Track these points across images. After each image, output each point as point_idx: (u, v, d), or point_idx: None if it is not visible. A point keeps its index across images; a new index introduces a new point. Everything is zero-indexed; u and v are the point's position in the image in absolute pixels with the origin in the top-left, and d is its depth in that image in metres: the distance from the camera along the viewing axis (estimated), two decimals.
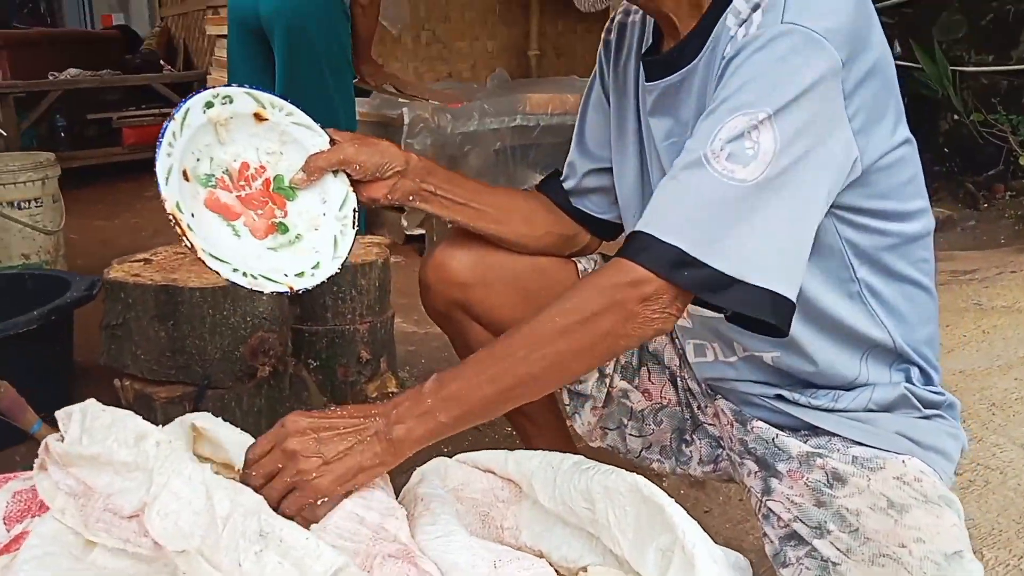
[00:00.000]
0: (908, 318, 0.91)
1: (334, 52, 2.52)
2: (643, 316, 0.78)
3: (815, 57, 0.77)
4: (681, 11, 0.88)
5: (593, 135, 1.09)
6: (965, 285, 2.34)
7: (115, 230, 3.60)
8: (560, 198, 1.12)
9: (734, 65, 0.79)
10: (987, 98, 4.02)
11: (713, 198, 0.76)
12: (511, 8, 4.38)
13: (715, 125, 0.77)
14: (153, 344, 1.45)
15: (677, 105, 0.91)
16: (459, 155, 3.07)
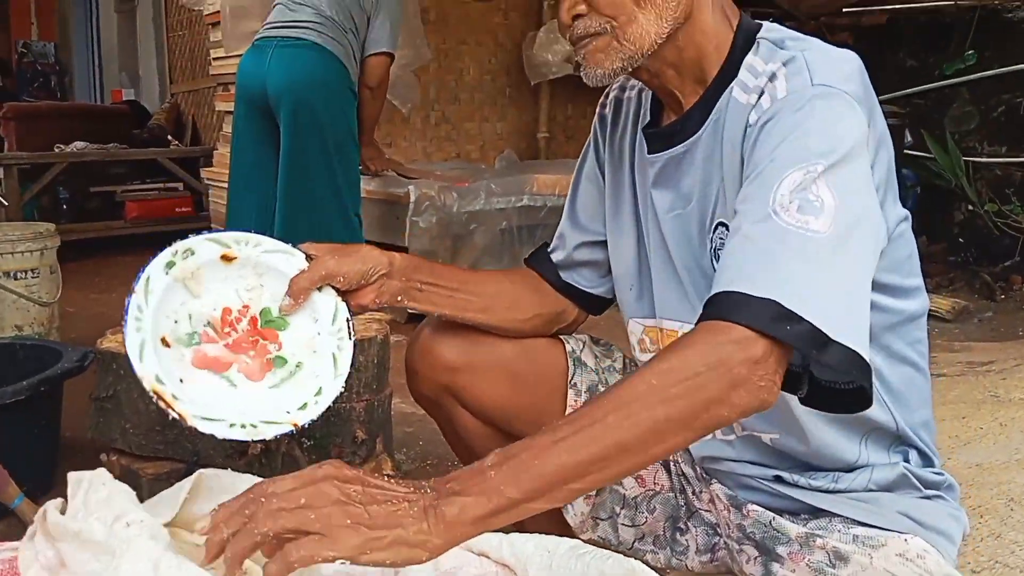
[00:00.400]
0: (907, 400, 0.93)
1: (340, 131, 2.62)
2: (751, 382, 0.72)
3: (853, 118, 0.81)
4: (685, 86, 0.93)
5: (585, 208, 1.12)
6: (982, 377, 2.35)
7: (112, 303, 3.64)
8: (549, 272, 1.14)
9: (772, 125, 0.82)
10: (1001, 189, 4.11)
11: (795, 250, 0.75)
12: (521, 91, 4.55)
13: (773, 181, 0.78)
14: (143, 418, 1.46)
15: (679, 177, 0.94)
16: (465, 234, 3.13)
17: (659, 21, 0.87)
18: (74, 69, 8.83)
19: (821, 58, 0.85)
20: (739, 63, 0.90)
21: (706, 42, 0.90)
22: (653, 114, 1.02)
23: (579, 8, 0.88)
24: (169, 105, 5.76)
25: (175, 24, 5.81)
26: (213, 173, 4.31)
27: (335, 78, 2.62)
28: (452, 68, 4.34)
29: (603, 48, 0.88)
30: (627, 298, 1.07)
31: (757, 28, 0.92)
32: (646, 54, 0.88)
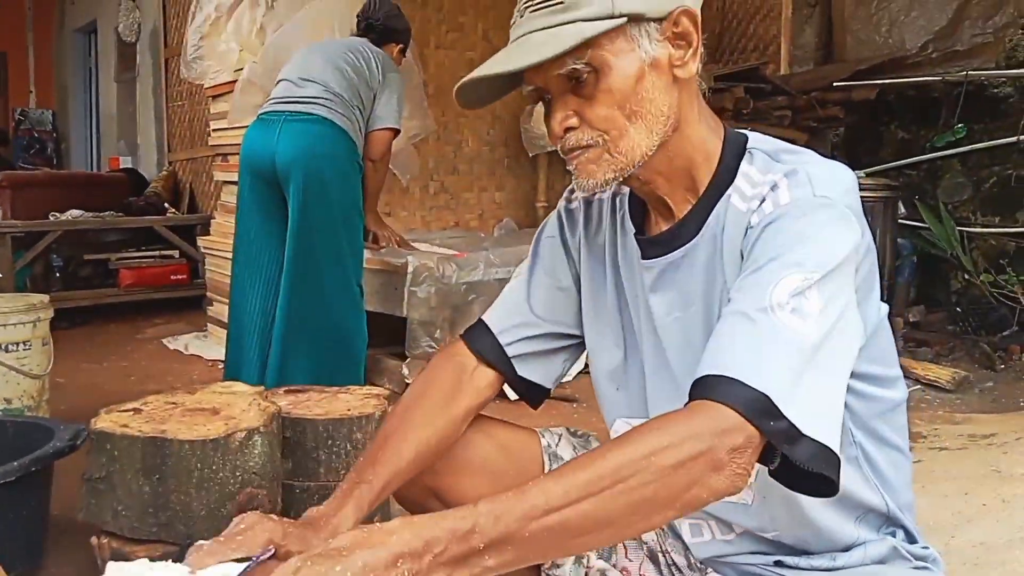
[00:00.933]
0: (894, 483, 0.98)
1: (348, 203, 2.71)
2: (729, 468, 0.75)
3: (849, 231, 0.86)
4: (675, 193, 0.97)
5: (542, 301, 1.10)
6: (984, 450, 2.35)
7: (103, 374, 3.64)
8: (504, 366, 1.10)
9: (776, 227, 0.85)
10: (996, 259, 4.18)
11: (787, 349, 0.79)
12: (519, 161, 4.65)
13: (771, 279, 0.82)
14: (136, 499, 1.45)
15: (679, 281, 0.97)
16: (463, 304, 3.16)
17: (649, 134, 0.90)
18: (71, 137, 8.98)
19: (822, 172, 0.89)
20: (734, 171, 0.94)
21: (695, 152, 0.94)
22: (635, 219, 1.04)
23: (571, 121, 0.91)
24: (167, 173, 5.85)
25: (175, 95, 5.95)
26: (210, 242, 4.35)
27: (344, 151, 2.71)
28: (451, 139, 4.44)
29: (595, 160, 0.91)
30: (612, 397, 1.08)
31: (744, 138, 0.97)
32: (637, 165, 0.92)
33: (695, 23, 0.90)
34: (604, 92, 0.88)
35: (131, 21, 6.83)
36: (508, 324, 1.11)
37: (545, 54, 0.85)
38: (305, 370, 2.65)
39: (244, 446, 1.50)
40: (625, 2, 0.86)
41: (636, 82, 0.88)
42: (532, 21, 0.88)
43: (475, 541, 0.72)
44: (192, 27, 4.04)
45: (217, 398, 1.70)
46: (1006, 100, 4.32)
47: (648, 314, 1.00)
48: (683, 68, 0.91)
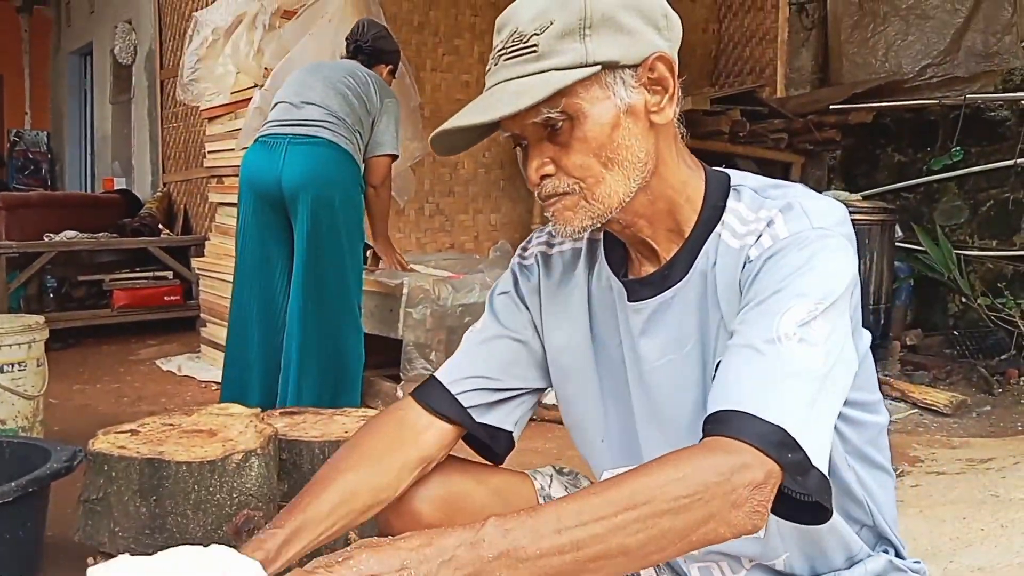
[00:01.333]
0: (882, 502, 1.02)
1: (354, 225, 2.77)
2: (749, 505, 0.76)
3: (847, 260, 0.88)
4: (658, 235, 0.97)
5: (501, 363, 1.08)
6: (982, 475, 2.37)
7: (96, 395, 3.65)
8: (460, 415, 1.07)
9: (778, 259, 0.86)
10: (993, 282, 4.22)
11: (797, 380, 0.80)
12: (515, 183, 4.70)
13: (777, 310, 0.83)
14: (133, 520, 1.46)
15: (670, 321, 0.96)
16: (459, 326, 3.18)
17: (626, 181, 0.91)
18: (66, 158, 9.03)
19: (816, 204, 0.91)
20: (720, 209, 0.95)
21: (675, 194, 0.95)
22: (613, 264, 1.03)
23: (547, 169, 0.91)
24: (161, 194, 5.89)
25: (170, 116, 6.00)
26: (205, 263, 4.38)
27: (350, 175, 2.77)
28: (447, 162, 4.49)
29: (572, 207, 0.92)
30: (597, 448, 1.07)
31: (727, 177, 0.98)
32: (615, 211, 0.92)
33: (671, 69, 0.91)
34: (579, 140, 0.89)
35: (127, 43, 6.90)
36: (461, 377, 1.07)
37: (519, 105, 0.85)
38: (311, 392, 2.67)
39: (241, 468, 1.52)
40: (599, 50, 0.87)
41: (612, 129, 0.89)
42: (506, 70, 0.89)
43: (484, 551, 0.72)
44: (189, 50, 4.09)
45: (214, 420, 1.72)
46: (1003, 123, 4.38)
47: (636, 359, 1.00)
48: (660, 114, 0.91)
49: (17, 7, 9.13)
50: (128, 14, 6.91)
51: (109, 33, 7.21)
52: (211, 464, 1.48)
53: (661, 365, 0.97)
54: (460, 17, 4.50)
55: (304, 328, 2.70)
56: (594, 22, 0.87)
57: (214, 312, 4.22)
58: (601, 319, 1.04)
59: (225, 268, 4.03)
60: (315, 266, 2.69)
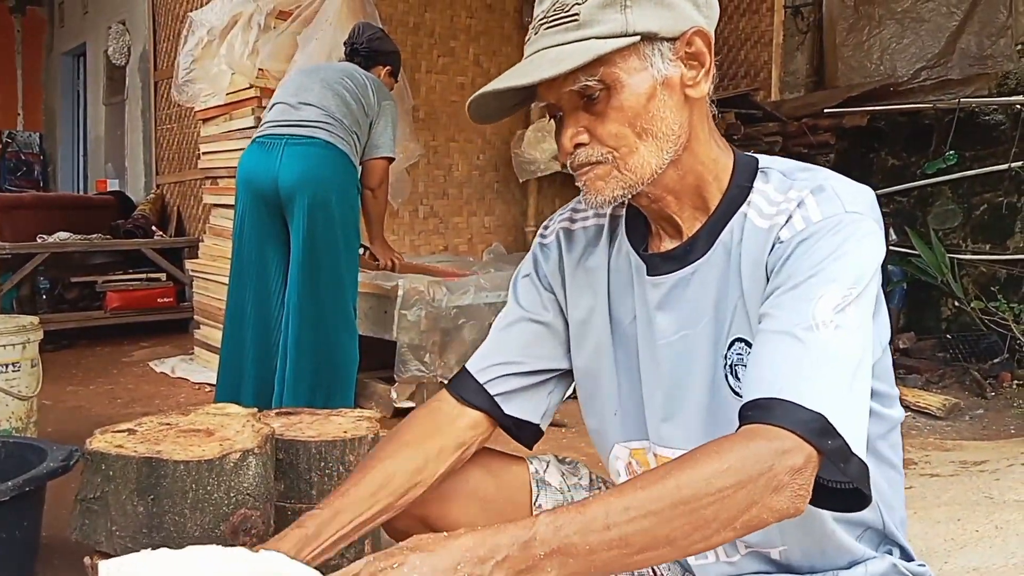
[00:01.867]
0: (892, 501, 1.00)
1: (350, 226, 2.79)
2: (790, 489, 0.78)
3: (878, 244, 0.89)
4: (684, 211, 0.98)
5: (525, 345, 1.10)
6: (975, 477, 2.39)
7: (89, 396, 3.65)
8: (492, 409, 1.10)
9: (812, 243, 0.87)
10: (986, 286, 4.24)
11: (835, 367, 0.81)
12: (509, 186, 4.71)
13: (813, 295, 0.84)
14: (130, 520, 1.46)
15: (688, 297, 0.98)
16: (453, 328, 3.19)
17: (659, 152, 0.92)
18: (58, 159, 9.01)
19: (847, 187, 0.92)
20: (747, 189, 0.96)
21: (705, 170, 0.96)
22: (634, 239, 1.05)
23: (581, 138, 0.92)
24: (155, 196, 5.89)
25: (163, 118, 6.00)
26: (199, 265, 4.38)
27: (346, 176, 2.78)
28: (441, 164, 4.50)
29: (604, 176, 0.93)
30: (609, 422, 1.09)
31: (755, 160, 0.99)
32: (646, 182, 0.93)
33: (708, 44, 0.92)
34: (615, 109, 0.90)
35: (121, 44, 6.89)
36: (487, 364, 1.11)
37: (558, 69, 0.86)
38: (306, 393, 2.68)
39: (239, 467, 1.52)
40: (639, 21, 0.88)
41: (647, 100, 0.90)
42: (547, 38, 0.90)
43: (536, 549, 0.75)
44: (184, 50, 4.09)
45: (211, 419, 1.73)
46: (997, 127, 4.41)
47: (650, 332, 1.01)
48: (695, 88, 0.92)
49: (10, 7, 9.11)
50: (122, 15, 6.90)
51: (103, 34, 7.21)
52: (209, 463, 1.48)
53: (675, 340, 0.98)
54: (455, 19, 4.52)
55: (300, 328, 2.71)
56: None
57: (208, 314, 4.22)
58: (618, 294, 1.05)
59: (219, 270, 4.03)
60: (311, 267, 2.70)
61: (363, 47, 3.03)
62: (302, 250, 2.69)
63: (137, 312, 4.96)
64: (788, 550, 0.98)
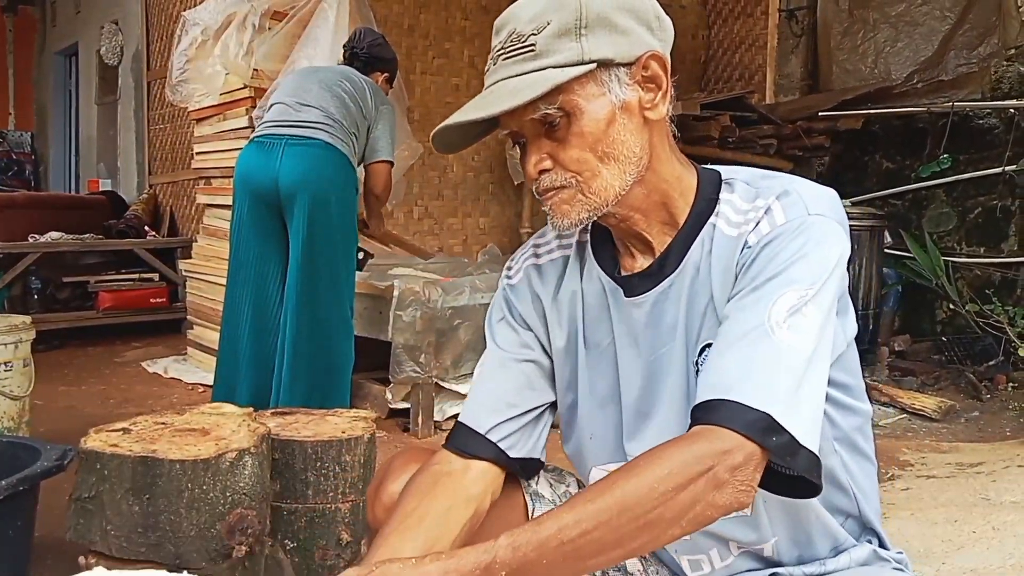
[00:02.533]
0: (868, 491, 1.04)
1: (348, 227, 2.81)
2: (731, 485, 0.81)
3: (840, 245, 0.92)
4: (652, 228, 1.00)
5: (511, 386, 1.09)
6: (972, 479, 2.39)
7: (81, 397, 3.63)
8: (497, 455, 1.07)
9: (774, 245, 0.90)
10: (981, 289, 4.26)
11: (783, 367, 0.84)
12: (504, 188, 4.71)
13: (769, 298, 0.87)
14: (126, 519, 1.46)
15: (667, 311, 0.99)
16: (448, 329, 3.19)
17: (622, 175, 0.94)
18: (50, 159, 8.97)
19: (811, 190, 0.95)
20: (713, 201, 0.98)
21: (669, 188, 0.98)
22: (604, 263, 1.06)
23: (544, 164, 0.95)
24: (147, 196, 5.86)
25: (156, 118, 5.98)
26: (192, 265, 4.36)
27: (346, 177, 2.79)
28: (436, 165, 4.50)
29: (569, 200, 0.95)
30: (587, 447, 1.09)
31: (717, 172, 1.02)
32: (611, 204, 0.95)
33: (664, 67, 0.94)
34: (576, 135, 0.92)
35: (114, 44, 6.87)
36: (484, 414, 1.08)
37: (516, 101, 0.88)
38: (303, 393, 2.69)
39: (235, 467, 1.52)
40: (595, 49, 0.90)
41: (607, 125, 0.92)
42: (504, 68, 0.92)
43: (497, 570, 0.79)
44: (178, 50, 4.07)
45: (207, 419, 1.72)
46: (991, 131, 4.43)
47: (635, 352, 1.02)
48: (653, 110, 0.95)
49: (2, 6, 9.08)
50: (115, 15, 6.88)
51: (95, 33, 7.18)
52: (204, 463, 1.47)
53: (662, 354, 1.00)
54: (450, 21, 4.52)
55: (298, 328, 2.71)
56: (589, 22, 0.91)
57: (201, 314, 4.21)
58: (593, 319, 1.06)
59: (213, 270, 4.02)
60: (310, 267, 2.71)
61: (363, 52, 3.04)
62: (301, 250, 2.70)
63: (129, 312, 4.94)
64: (779, 542, 1.00)
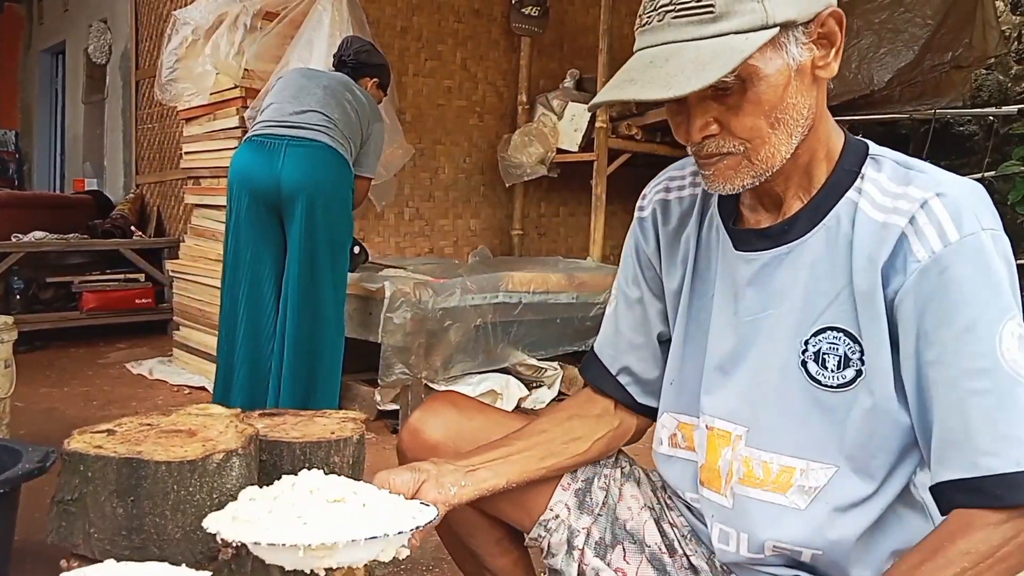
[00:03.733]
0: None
1: (345, 228, 2.83)
2: None
3: (1011, 254, 0.87)
4: (790, 189, 0.95)
5: (633, 327, 1.14)
6: None
7: (64, 398, 3.55)
8: (626, 399, 1.16)
9: (959, 274, 0.83)
10: None
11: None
12: (495, 189, 4.68)
13: (990, 335, 0.82)
14: (109, 521, 1.41)
15: (779, 276, 0.95)
16: (439, 330, 3.15)
17: (789, 140, 0.89)
18: (35, 158, 8.86)
19: (971, 197, 0.88)
20: (854, 175, 0.92)
21: (819, 149, 0.93)
22: (724, 211, 1.02)
23: (711, 129, 0.88)
24: (134, 196, 5.78)
25: (144, 117, 5.90)
26: (179, 265, 4.29)
27: (345, 179, 2.80)
28: (427, 167, 4.46)
29: (734, 167, 0.90)
30: (665, 392, 1.09)
31: (865, 144, 0.95)
32: (775, 170, 0.90)
33: (840, 23, 0.89)
34: (751, 102, 0.86)
35: (102, 43, 6.79)
36: (613, 352, 1.16)
37: (708, 79, 0.80)
38: (302, 392, 2.70)
39: (222, 468, 1.47)
40: (778, 10, 0.83)
41: (783, 90, 0.86)
42: (675, 29, 0.83)
43: None
44: (168, 49, 4.02)
45: (193, 420, 1.67)
46: (971, 138, 4.46)
47: (733, 308, 0.99)
48: (825, 69, 0.89)
49: None
50: (103, 13, 6.80)
51: (83, 32, 7.09)
52: (191, 464, 1.43)
53: (761, 318, 0.96)
54: (443, 23, 4.49)
55: (299, 329, 2.72)
56: None
57: (188, 315, 4.14)
58: (703, 267, 1.04)
59: (201, 271, 3.96)
60: (311, 267, 2.72)
61: (350, 59, 3.04)
62: (302, 250, 2.71)
63: (114, 313, 4.87)
64: (823, 555, 0.94)
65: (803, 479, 0.92)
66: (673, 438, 1.07)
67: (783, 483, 0.94)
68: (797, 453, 0.93)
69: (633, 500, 1.15)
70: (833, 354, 0.90)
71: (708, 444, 1.01)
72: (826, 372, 0.91)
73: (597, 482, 1.15)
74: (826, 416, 0.91)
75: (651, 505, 1.15)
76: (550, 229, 4.87)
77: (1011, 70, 4.49)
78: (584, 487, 1.14)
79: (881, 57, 4.67)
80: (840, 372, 0.90)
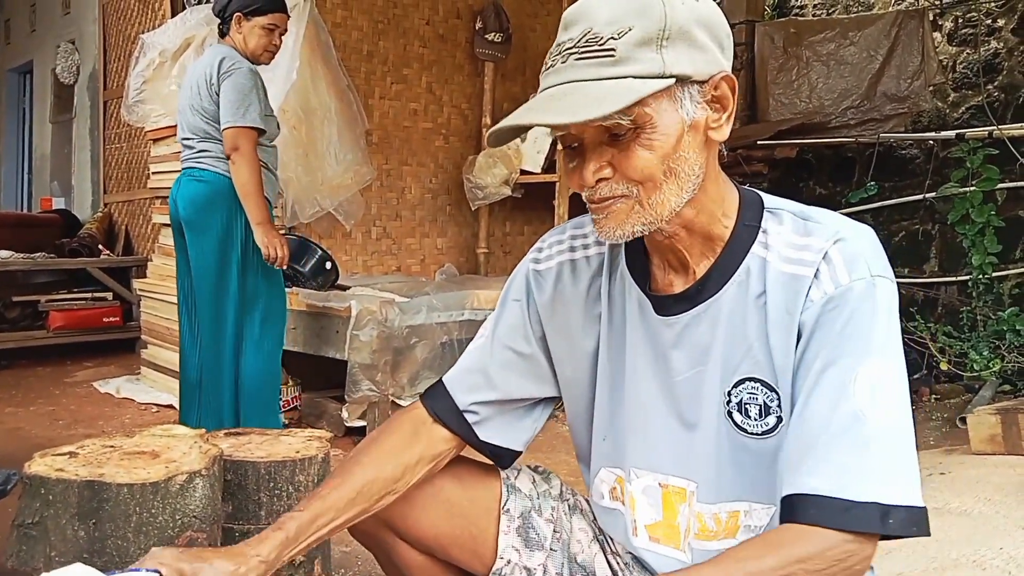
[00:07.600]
0: None
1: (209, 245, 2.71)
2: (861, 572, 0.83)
3: (896, 302, 0.90)
4: (694, 249, 0.96)
5: (499, 367, 1.11)
6: None
7: (29, 418, 3.46)
8: (466, 433, 1.12)
9: (842, 313, 0.87)
10: (905, 307, 4.37)
11: (882, 446, 0.83)
12: (461, 209, 4.68)
13: (848, 374, 0.85)
14: (71, 545, 1.37)
15: (699, 334, 0.96)
16: (405, 348, 3.13)
17: (679, 192, 0.90)
18: (2, 177, 8.66)
19: (865, 244, 0.91)
20: (754, 229, 0.95)
21: (715, 207, 0.95)
22: (636, 274, 1.03)
23: (605, 172, 0.89)
24: (102, 215, 5.68)
25: (112, 137, 5.81)
26: (147, 284, 4.22)
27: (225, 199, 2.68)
28: (394, 187, 4.45)
29: (626, 211, 0.90)
30: (598, 448, 1.08)
31: (758, 196, 0.98)
32: (665, 220, 0.91)
33: (733, 89, 0.91)
34: (644, 147, 0.87)
35: (70, 63, 6.67)
36: (464, 387, 1.11)
37: (603, 110, 0.82)
38: (210, 414, 2.68)
39: (185, 489, 1.44)
40: (675, 63, 0.85)
41: (677, 141, 0.88)
42: (578, 69, 0.86)
43: None
44: (135, 71, 3.97)
45: (157, 441, 1.64)
46: (913, 161, 4.58)
47: (666, 369, 1.00)
48: (718, 131, 0.91)
49: None
50: (71, 34, 6.69)
51: (51, 52, 6.97)
52: (153, 486, 1.40)
53: (690, 376, 0.97)
54: (408, 48, 4.49)
55: (204, 353, 2.74)
56: (672, 34, 0.85)
57: (156, 334, 4.07)
58: (618, 328, 1.03)
59: (168, 289, 3.89)
60: (204, 286, 2.73)
61: (217, 11, 2.77)
62: (192, 276, 2.76)
63: (81, 332, 4.76)
64: None
65: (748, 519, 0.96)
66: (613, 491, 1.08)
67: (732, 528, 0.96)
68: (740, 496, 0.96)
69: (582, 533, 1.16)
70: (753, 403, 0.93)
71: (664, 502, 1.02)
72: (750, 421, 0.93)
73: (538, 516, 1.15)
74: (757, 461, 0.94)
75: (597, 537, 1.15)
76: (515, 247, 4.89)
77: (949, 97, 4.62)
78: (523, 523, 1.14)
79: (830, 87, 4.78)
80: (763, 420, 0.93)
